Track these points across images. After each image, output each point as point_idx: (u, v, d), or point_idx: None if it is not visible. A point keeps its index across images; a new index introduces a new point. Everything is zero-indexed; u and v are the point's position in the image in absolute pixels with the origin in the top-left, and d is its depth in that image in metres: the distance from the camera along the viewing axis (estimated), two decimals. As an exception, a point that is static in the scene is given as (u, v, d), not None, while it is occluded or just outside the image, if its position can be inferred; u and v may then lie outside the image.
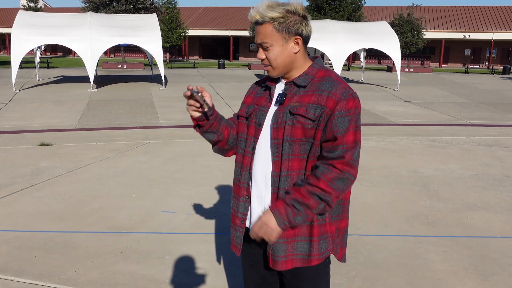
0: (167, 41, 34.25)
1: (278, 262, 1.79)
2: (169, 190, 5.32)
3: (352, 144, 1.69)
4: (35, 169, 6.03)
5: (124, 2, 29.21)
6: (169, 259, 3.61)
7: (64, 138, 8.11)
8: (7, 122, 9.72)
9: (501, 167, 6.57)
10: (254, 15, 1.74)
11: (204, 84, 18.78)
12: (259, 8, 1.73)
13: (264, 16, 1.71)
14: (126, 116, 10.84)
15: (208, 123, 1.86)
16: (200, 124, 1.87)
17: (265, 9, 1.72)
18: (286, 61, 1.76)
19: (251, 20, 1.77)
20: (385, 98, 15.56)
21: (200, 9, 48.85)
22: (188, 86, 1.74)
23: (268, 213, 1.71)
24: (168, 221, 4.38)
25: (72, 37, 16.43)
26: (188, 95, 1.74)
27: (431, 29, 38.10)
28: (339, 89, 1.70)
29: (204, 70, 28.51)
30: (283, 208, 1.68)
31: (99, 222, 4.33)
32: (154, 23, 18.22)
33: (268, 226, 1.69)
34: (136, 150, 7.23)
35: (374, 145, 7.87)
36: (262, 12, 1.71)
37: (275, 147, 1.76)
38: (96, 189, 5.29)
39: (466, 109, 13.09)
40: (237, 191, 1.91)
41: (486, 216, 4.62)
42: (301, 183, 1.70)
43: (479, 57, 42.70)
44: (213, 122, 1.87)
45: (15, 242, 3.86)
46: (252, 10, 1.75)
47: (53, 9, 51.09)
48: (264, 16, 1.71)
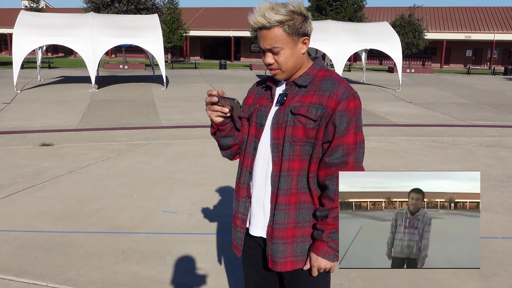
0: (169, 42, 34.28)
1: (277, 263, 1.78)
2: (170, 190, 5.32)
3: (353, 145, 1.69)
4: (37, 169, 6.04)
5: (125, 2, 29.24)
6: (170, 260, 3.61)
7: (65, 138, 8.12)
8: (8, 122, 9.73)
9: (503, 168, 6.56)
10: (259, 20, 1.66)
11: (206, 85, 18.79)
12: (263, 11, 1.65)
13: (271, 21, 1.64)
14: (127, 116, 10.84)
15: (229, 127, 1.83)
16: (221, 129, 1.83)
17: (270, 12, 1.64)
18: (295, 62, 1.74)
19: (256, 25, 1.68)
20: (387, 99, 15.55)
21: (202, 9, 48.88)
22: (211, 91, 1.69)
23: (314, 257, 1.73)
24: (169, 222, 4.38)
25: (74, 37, 16.45)
26: (215, 101, 1.69)
27: (432, 30, 38.04)
28: (340, 89, 1.70)
29: (205, 70, 28.53)
30: (326, 246, 1.70)
31: (100, 222, 4.33)
32: (155, 23, 18.23)
33: (323, 267, 1.73)
34: (137, 151, 7.24)
35: (375, 146, 7.86)
36: (268, 16, 1.64)
37: (275, 147, 1.76)
38: (97, 189, 5.29)
39: (468, 110, 13.07)
40: (237, 192, 1.91)
41: (488, 217, 4.62)
42: (322, 213, 1.71)
43: (480, 58, 42.64)
44: (234, 125, 1.85)
45: (16, 242, 3.86)
46: (255, 15, 1.67)
47: (54, 10, 51.17)
48: (271, 20, 1.64)
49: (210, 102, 1.71)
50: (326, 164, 1.70)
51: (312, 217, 1.76)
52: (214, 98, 1.69)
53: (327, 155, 1.70)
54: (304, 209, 1.76)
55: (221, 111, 1.72)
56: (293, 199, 1.75)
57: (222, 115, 1.75)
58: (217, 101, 1.70)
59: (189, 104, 13.01)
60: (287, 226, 1.76)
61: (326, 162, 1.70)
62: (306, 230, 1.77)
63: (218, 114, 1.75)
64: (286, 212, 1.75)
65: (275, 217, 1.77)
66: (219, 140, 1.89)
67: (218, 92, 1.70)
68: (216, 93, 1.70)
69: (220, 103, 1.71)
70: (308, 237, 1.77)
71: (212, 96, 1.70)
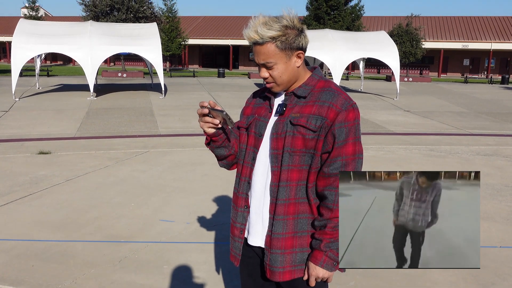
0: (167, 50, 34.36)
1: (276, 273, 1.78)
2: (168, 199, 5.31)
3: (352, 156, 1.70)
4: (34, 178, 6.02)
5: (124, 11, 29.36)
6: (168, 269, 3.59)
7: (63, 146, 8.11)
8: (6, 130, 9.72)
9: (500, 177, 6.57)
10: (252, 35, 1.67)
11: (204, 93, 18.83)
12: (256, 27, 1.67)
13: (264, 37, 1.66)
14: (125, 124, 10.85)
15: (222, 138, 1.83)
16: (214, 140, 1.83)
17: (262, 28, 1.65)
18: (290, 76, 1.75)
19: (249, 40, 1.70)
20: (384, 107, 15.59)
21: (200, 18, 49.09)
22: (203, 103, 1.70)
23: (312, 266, 1.73)
24: (167, 230, 4.37)
25: (72, 45, 16.49)
26: (206, 113, 1.70)
27: (429, 39, 38.28)
28: (339, 100, 1.71)
29: (204, 79, 28.59)
30: (324, 255, 1.71)
31: (97, 231, 4.32)
32: (154, 32, 18.30)
33: (321, 277, 1.73)
34: (135, 159, 7.23)
35: (373, 154, 7.87)
36: (261, 32, 1.65)
37: (274, 157, 1.76)
38: (94, 198, 5.28)
39: (465, 119, 13.12)
40: (235, 201, 1.91)
41: (485, 226, 4.61)
42: (320, 223, 1.72)
43: (477, 66, 42.86)
44: (227, 136, 1.85)
45: (12, 251, 3.84)
46: (248, 31, 1.69)
47: (53, 18, 51.32)
48: (264, 36, 1.66)
49: (202, 113, 1.72)
50: (325, 174, 1.71)
51: (310, 227, 1.77)
52: (205, 110, 1.70)
53: (326, 165, 1.71)
54: (303, 219, 1.76)
55: (212, 122, 1.73)
56: (292, 209, 1.75)
57: (213, 126, 1.76)
58: (208, 112, 1.71)
59: (187, 112, 13.02)
60: (285, 236, 1.76)
61: (325, 172, 1.71)
62: (305, 240, 1.77)
63: (209, 125, 1.75)
64: (285, 222, 1.75)
65: (274, 227, 1.77)
66: (213, 151, 1.90)
67: (209, 103, 1.71)
68: (208, 105, 1.70)
69: (211, 115, 1.72)
70: (306, 247, 1.77)
71: (203, 108, 1.70)
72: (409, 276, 3.52)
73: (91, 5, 29.23)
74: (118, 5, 29.27)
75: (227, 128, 1.84)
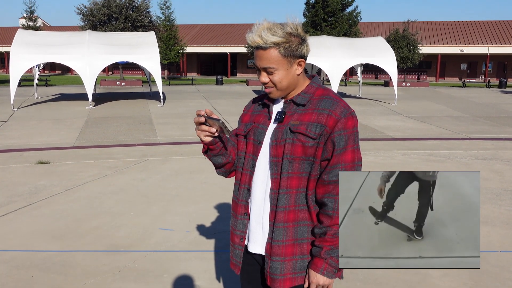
0: (165, 58, 34.45)
1: (276, 281, 1.78)
2: (167, 207, 5.30)
3: (351, 163, 1.71)
4: (33, 188, 6.01)
5: (122, 20, 29.44)
6: (168, 278, 3.58)
7: (62, 156, 8.10)
8: (5, 140, 9.71)
9: (499, 181, 6.57)
10: (256, 40, 1.69)
11: (203, 101, 18.85)
12: (260, 32, 1.68)
13: (267, 42, 1.67)
14: (124, 133, 10.85)
15: (219, 147, 1.84)
16: (211, 148, 1.84)
17: (267, 33, 1.67)
18: (290, 82, 1.76)
19: (253, 45, 1.71)
20: (383, 113, 15.62)
21: (198, 26, 49.25)
22: (199, 111, 1.71)
23: (313, 274, 1.73)
24: (166, 239, 4.36)
25: (71, 55, 16.53)
26: (202, 121, 1.71)
27: (427, 44, 38.41)
28: (338, 108, 1.72)
29: (202, 86, 28.63)
30: (324, 263, 1.71)
31: (97, 240, 4.31)
32: (152, 40, 18.35)
33: (321, 284, 1.73)
34: (134, 168, 7.23)
35: (372, 160, 7.87)
36: (265, 37, 1.67)
37: (274, 164, 1.77)
38: (94, 207, 5.27)
39: (463, 123, 13.14)
40: (235, 209, 1.91)
41: (485, 230, 4.61)
42: (320, 230, 1.72)
43: (475, 71, 42.98)
44: (223, 145, 1.86)
45: (12, 262, 3.83)
46: (252, 35, 1.70)
47: (52, 28, 51.44)
48: (267, 41, 1.67)
49: (198, 122, 1.73)
50: (324, 181, 1.72)
51: (310, 234, 1.77)
52: (202, 118, 1.71)
53: (326, 172, 1.71)
54: (303, 226, 1.76)
55: (209, 131, 1.74)
56: (292, 216, 1.75)
57: (210, 135, 1.77)
58: (204, 121, 1.71)
59: (186, 120, 13.03)
60: (285, 243, 1.76)
61: (324, 179, 1.71)
62: (305, 247, 1.77)
63: (206, 134, 1.76)
64: (285, 229, 1.75)
65: (274, 234, 1.77)
66: (211, 159, 1.91)
67: (206, 112, 1.72)
68: (204, 113, 1.71)
69: (208, 123, 1.72)
70: (306, 254, 1.77)
71: (200, 116, 1.71)
72: (409, 282, 3.51)
73: (89, 15, 29.30)
74: (116, 14, 29.36)
75: (224, 137, 1.84)
